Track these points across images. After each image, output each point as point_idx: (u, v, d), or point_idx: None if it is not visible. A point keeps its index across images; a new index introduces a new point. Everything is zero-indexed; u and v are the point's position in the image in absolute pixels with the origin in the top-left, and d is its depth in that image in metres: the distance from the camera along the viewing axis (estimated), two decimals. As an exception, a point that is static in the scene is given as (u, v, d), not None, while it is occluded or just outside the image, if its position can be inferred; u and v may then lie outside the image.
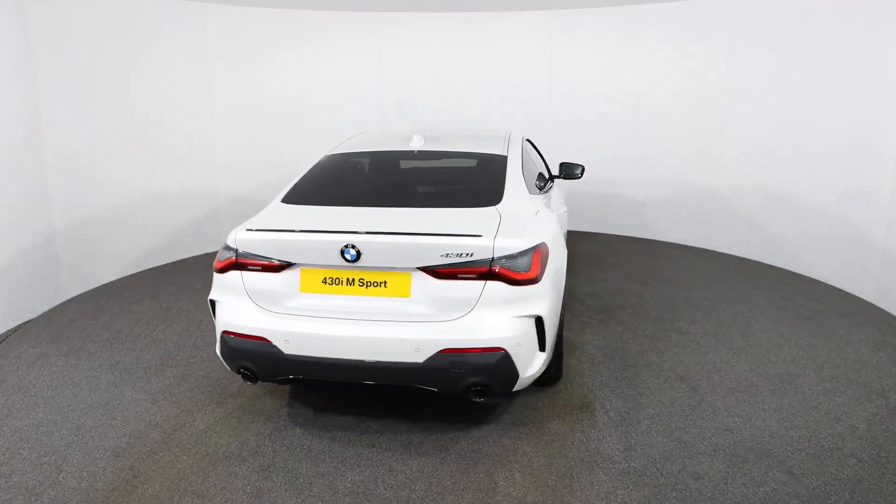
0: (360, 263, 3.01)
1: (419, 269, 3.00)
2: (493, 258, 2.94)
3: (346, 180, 4.06)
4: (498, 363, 2.95)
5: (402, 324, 3.00)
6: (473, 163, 4.09)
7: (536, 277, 3.02)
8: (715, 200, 6.82)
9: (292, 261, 3.11)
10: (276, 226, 3.23)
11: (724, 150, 6.66)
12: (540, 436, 3.30)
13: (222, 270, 3.25)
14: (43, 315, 5.12)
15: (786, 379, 3.86)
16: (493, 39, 7.50)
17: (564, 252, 3.75)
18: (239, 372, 3.24)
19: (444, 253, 2.95)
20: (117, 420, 3.49)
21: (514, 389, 3.11)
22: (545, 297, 3.09)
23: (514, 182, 3.67)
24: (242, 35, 6.93)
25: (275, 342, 3.07)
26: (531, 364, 3.09)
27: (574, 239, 6.91)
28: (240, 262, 3.18)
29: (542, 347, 3.12)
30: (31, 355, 4.33)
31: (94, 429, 3.40)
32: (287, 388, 3.78)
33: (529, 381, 3.17)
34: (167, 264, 6.50)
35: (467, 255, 2.95)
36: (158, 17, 6.23)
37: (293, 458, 3.12)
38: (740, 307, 5.07)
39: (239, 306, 3.19)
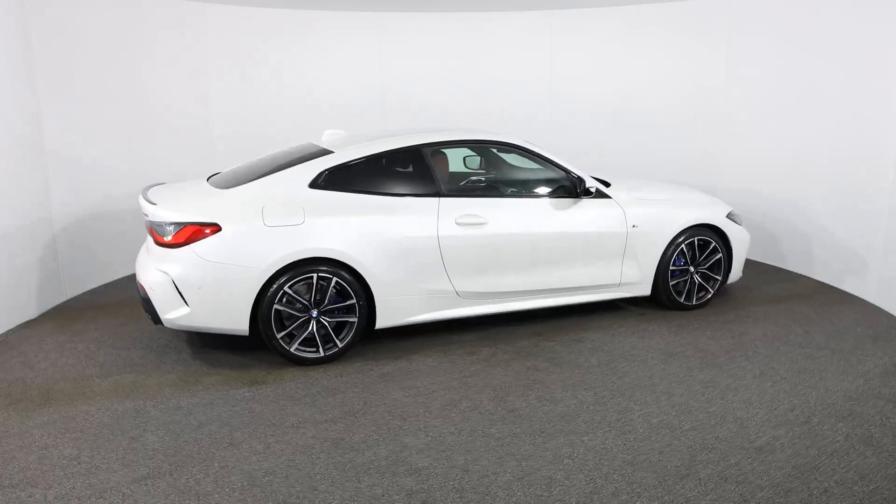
0: (149, 219, 4.14)
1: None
2: (151, 221, 4.03)
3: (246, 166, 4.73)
4: (143, 297, 4.06)
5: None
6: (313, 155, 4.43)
7: (175, 244, 3.90)
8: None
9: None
10: (145, 193, 4.30)
11: (723, 150, 6.67)
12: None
13: None
14: (43, 315, 5.11)
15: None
16: (494, 39, 7.49)
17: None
18: None
19: (145, 213, 4.11)
20: (115, 420, 3.48)
21: (169, 326, 3.99)
22: (185, 264, 3.87)
23: (286, 176, 4.20)
24: (242, 34, 6.91)
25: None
26: (172, 310, 3.93)
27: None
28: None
29: (186, 302, 3.89)
30: (30, 356, 4.33)
31: (94, 430, 3.40)
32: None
33: (186, 325, 3.95)
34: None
35: (148, 216, 4.07)
36: (159, 15, 6.21)
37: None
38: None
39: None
